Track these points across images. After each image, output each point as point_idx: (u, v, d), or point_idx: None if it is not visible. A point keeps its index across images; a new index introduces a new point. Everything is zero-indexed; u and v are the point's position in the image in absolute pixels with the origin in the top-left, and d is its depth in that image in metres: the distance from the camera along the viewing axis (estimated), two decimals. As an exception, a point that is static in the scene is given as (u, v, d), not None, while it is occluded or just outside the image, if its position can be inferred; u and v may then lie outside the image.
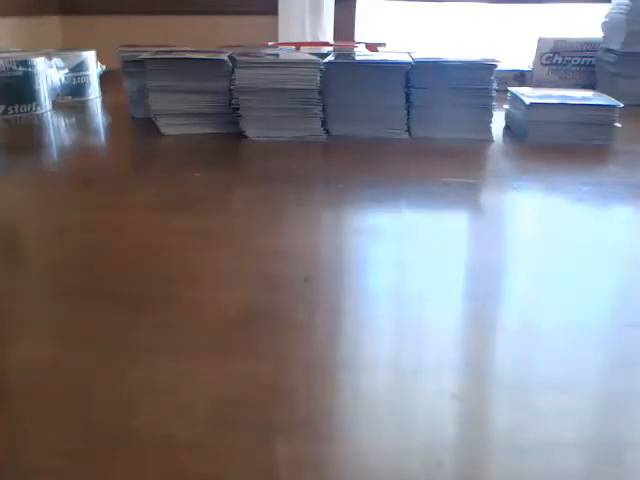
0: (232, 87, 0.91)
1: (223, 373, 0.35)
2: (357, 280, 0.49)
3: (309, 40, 1.63)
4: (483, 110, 0.92)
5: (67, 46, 1.60)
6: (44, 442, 0.30)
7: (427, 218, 0.62)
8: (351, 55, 1.08)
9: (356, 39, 1.70)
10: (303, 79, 0.90)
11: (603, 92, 1.00)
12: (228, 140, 0.91)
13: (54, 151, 0.88)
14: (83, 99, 1.21)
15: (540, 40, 1.34)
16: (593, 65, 1.31)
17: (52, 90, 1.12)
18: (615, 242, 0.56)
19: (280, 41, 1.57)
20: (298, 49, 1.20)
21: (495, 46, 1.56)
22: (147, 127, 0.96)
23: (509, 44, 1.60)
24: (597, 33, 1.30)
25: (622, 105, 0.90)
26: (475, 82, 0.91)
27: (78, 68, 1.19)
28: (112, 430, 0.31)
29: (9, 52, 1.16)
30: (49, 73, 1.10)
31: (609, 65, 1.24)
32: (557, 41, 1.33)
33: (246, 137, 0.91)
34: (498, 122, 0.97)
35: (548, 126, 0.90)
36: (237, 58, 0.92)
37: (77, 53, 1.20)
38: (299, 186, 0.70)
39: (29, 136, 0.96)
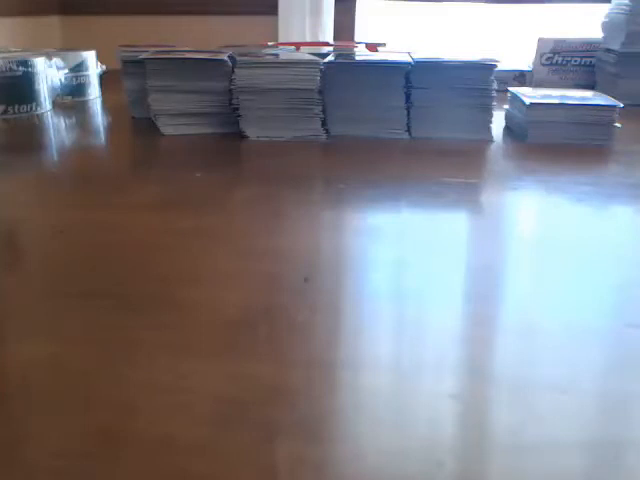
0: (232, 87, 0.91)
1: (223, 373, 0.35)
2: (357, 280, 0.48)
3: (309, 40, 1.63)
4: (483, 110, 0.92)
5: (67, 46, 1.60)
6: (44, 442, 0.30)
7: (427, 218, 0.62)
8: (351, 55, 1.08)
9: (356, 39, 1.70)
10: (303, 79, 0.90)
11: (603, 92, 1.00)
12: (228, 140, 0.91)
13: (54, 151, 0.88)
14: (83, 99, 1.21)
15: (540, 40, 1.34)
16: (593, 65, 1.31)
17: (52, 90, 1.12)
18: (615, 242, 0.56)
19: (280, 41, 1.57)
20: (298, 49, 1.20)
21: (495, 46, 1.56)
22: (147, 127, 0.96)
23: (509, 44, 1.60)
24: (597, 33, 1.30)
25: (622, 105, 0.90)
26: (475, 82, 0.91)
27: (78, 68, 1.19)
28: (112, 430, 0.31)
29: (9, 52, 1.16)
30: (49, 73, 1.10)
31: (609, 65, 1.24)
32: (557, 41, 1.33)
33: (246, 137, 0.91)
34: (498, 122, 0.97)
35: (548, 126, 0.90)
36: (237, 58, 0.92)
37: (77, 53, 1.20)
38: (299, 186, 0.70)
39: (29, 136, 0.95)
